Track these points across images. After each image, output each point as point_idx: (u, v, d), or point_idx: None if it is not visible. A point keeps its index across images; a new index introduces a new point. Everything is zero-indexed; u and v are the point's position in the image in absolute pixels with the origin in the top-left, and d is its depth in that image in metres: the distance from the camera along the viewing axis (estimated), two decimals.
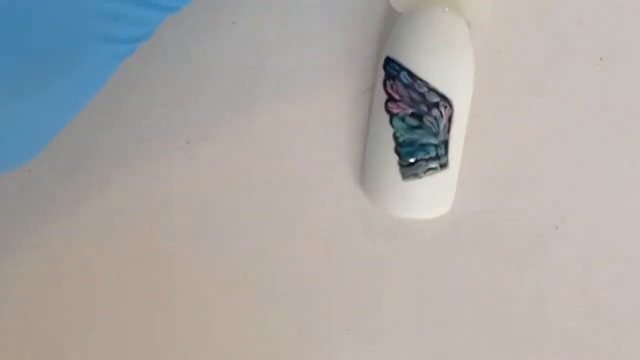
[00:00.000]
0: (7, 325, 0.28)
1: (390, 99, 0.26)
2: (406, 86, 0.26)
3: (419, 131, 0.26)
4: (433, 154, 0.26)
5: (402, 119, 0.26)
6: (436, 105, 0.26)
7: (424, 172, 0.26)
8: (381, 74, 0.27)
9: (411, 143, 0.26)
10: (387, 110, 0.27)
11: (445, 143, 0.26)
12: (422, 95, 0.26)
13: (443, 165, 0.26)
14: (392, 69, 0.26)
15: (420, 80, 0.26)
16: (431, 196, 0.27)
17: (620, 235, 0.28)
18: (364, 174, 0.28)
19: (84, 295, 0.29)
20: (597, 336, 0.29)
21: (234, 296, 0.29)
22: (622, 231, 0.28)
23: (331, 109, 0.29)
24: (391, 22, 0.28)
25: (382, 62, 0.27)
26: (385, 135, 0.27)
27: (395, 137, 0.26)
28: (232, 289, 0.29)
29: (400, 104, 0.26)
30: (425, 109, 0.26)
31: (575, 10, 0.28)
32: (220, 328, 0.29)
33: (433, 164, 0.26)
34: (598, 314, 0.29)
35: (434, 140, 0.26)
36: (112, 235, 0.29)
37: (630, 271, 0.29)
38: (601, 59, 0.29)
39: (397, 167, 0.26)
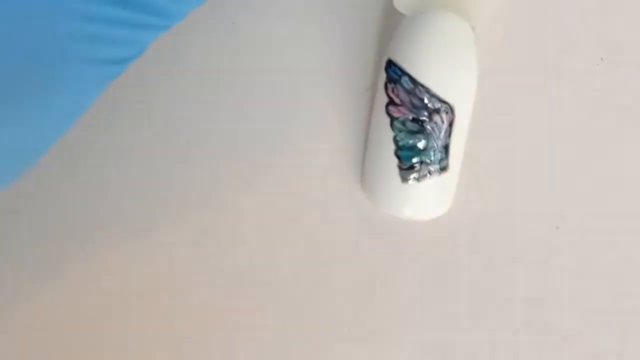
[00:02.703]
0: (7, 325, 0.28)
1: (391, 102, 0.26)
2: (407, 91, 0.26)
3: (419, 136, 0.26)
4: (433, 158, 0.26)
5: (403, 123, 0.26)
6: (437, 111, 0.26)
7: (424, 176, 0.26)
8: (383, 75, 0.27)
9: (411, 147, 0.26)
10: (388, 114, 0.26)
11: (446, 147, 0.26)
12: (423, 101, 0.26)
13: (443, 169, 0.26)
14: (394, 73, 0.26)
15: (422, 86, 0.26)
16: (430, 199, 0.27)
17: (620, 235, 0.28)
18: (364, 175, 0.28)
19: (84, 295, 0.29)
20: (597, 336, 0.29)
21: (234, 296, 0.29)
22: (622, 231, 0.28)
23: (331, 109, 0.29)
24: (392, 21, 0.28)
25: (383, 62, 0.27)
26: (385, 138, 0.26)
27: (395, 141, 0.26)
28: (232, 289, 0.29)
29: (401, 109, 0.26)
30: (426, 114, 0.26)
31: (576, 12, 0.28)
32: (220, 328, 0.29)
33: (433, 168, 0.26)
34: (598, 314, 0.29)
35: (434, 145, 0.26)
36: (112, 235, 0.29)
37: (630, 271, 0.29)
38: (602, 59, 0.29)
39: (396, 170, 0.26)
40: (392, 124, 0.26)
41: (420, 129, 0.26)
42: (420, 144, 0.26)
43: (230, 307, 0.29)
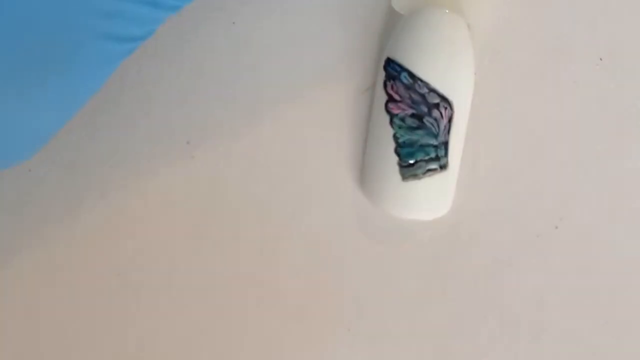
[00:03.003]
0: (7, 325, 0.28)
1: (390, 99, 0.26)
2: (407, 87, 0.26)
3: (419, 132, 0.26)
4: (433, 155, 0.26)
5: (403, 120, 0.26)
6: (436, 106, 0.26)
7: (424, 173, 0.26)
8: (382, 74, 0.27)
9: (411, 144, 0.26)
10: (388, 111, 0.27)
11: (445, 144, 0.26)
12: (422, 96, 0.26)
13: (443, 167, 0.26)
14: (393, 70, 0.26)
15: (421, 81, 0.26)
16: (431, 197, 0.27)
17: (619, 235, 0.29)
18: (364, 174, 0.28)
19: (85, 295, 0.29)
20: (596, 336, 0.29)
21: (234, 296, 0.29)
22: (622, 231, 0.28)
23: (331, 109, 0.29)
24: (392, 23, 0.28)
25: (382, 62, 0.27)
26: (385, 136, 0.27)
27: (395, 138, 0.26)
28: (232, 289, 0.29)
29: (401, 105, 0.26)
30: (425, 109, 0.26)
31: (575, 11, 0.28)
32: (220, 328, 0.29)
33: (433, 165, 0.26)
34: (598, 313, 0.29)
35: (434, 141, 0.26)
36: (112, 235, 0.29)
37: (629, 271, 0.29)
38: (601, 59, 0.29)
39: (396, 168, 0.26)
40: (391, 121, 0.26)
41: (419, 125, 0.26)
42: (420, 140, 0.26)
43: (230, 306, 0.29)
